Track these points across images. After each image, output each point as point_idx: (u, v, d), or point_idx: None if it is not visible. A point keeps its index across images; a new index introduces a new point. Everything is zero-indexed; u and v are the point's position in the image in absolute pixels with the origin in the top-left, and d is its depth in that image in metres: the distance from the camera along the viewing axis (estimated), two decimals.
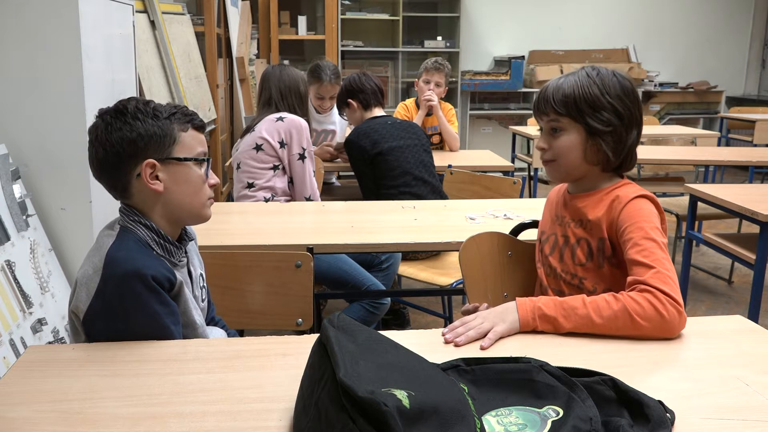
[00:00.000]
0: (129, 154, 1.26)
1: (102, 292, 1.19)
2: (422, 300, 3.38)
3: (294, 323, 1.75)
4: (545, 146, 1.46)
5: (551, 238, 1.55)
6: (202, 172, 1.33)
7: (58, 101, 2.37)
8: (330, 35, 6.04)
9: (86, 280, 1.22)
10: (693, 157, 4.13)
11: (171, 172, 1.29)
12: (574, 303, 1.26)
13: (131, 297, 1.19)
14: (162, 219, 1.32)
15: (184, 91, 3.73)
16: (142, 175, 1.27)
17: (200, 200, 1.34)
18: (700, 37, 7.42)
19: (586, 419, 0.91)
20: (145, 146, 1.27)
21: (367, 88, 3.06)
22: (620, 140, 1.42)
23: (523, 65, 6.81)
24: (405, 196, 2.77)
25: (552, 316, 1.26)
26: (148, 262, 1.24)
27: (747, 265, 2.65)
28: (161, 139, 1.28)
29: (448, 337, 1.23)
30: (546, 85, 1.47)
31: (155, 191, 1.28)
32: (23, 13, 2.32)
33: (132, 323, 1.21)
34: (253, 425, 0.95)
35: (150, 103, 1.30)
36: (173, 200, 1.31)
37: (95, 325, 1.21)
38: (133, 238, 1.28)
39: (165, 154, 1.28)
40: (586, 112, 1.41)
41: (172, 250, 1.33)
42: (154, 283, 1.21)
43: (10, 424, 0.95)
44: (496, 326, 1.24)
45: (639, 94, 1.47)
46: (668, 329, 1.23)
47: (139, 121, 1.26)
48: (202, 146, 1.34)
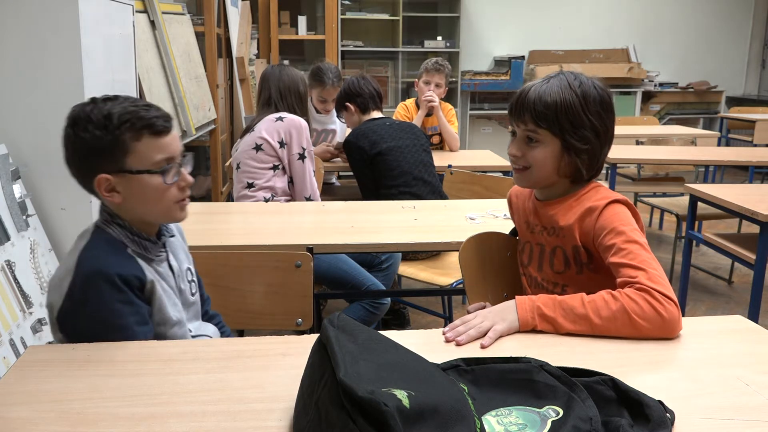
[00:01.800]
0: (83, 167, 1.26)
1: (71, 292, 1.21)
2: (422, 300, 3.38)
3: (294, 323, 1.75)
4: (518, 154, 1.44)
5: (527, 246, 1.54)
6: (161, 180, 1.27)
7: (58, 101, 2.37)
8: (330, 35, 6.04)
9: (59, 281, 1.24)
10: (693, 157, 4.12)
11: (126, 183, 1.26)
12: (573, 302, 1.26)
13: (95, 296, 1.21)
14: (134, 221, 1.31)
15: (184, 91, 3.73)
16: (97, 188, 1.26)
17: (163, 207, 1.30)
18: (700, 37, 7.42)
19: (586, 419, 0.91)
20: (95, 160, 1.24)
21: (365, 92, 3.06)
22: (594, 156, 1.42)
23: (523, 65, 6.81)
24: (404, 196, 2.77)
25: (551, 315, 1.26)
26: (115, 261, 1.24)
27: (747, 265, 2.65)
28: (111, 151, 1.23)
29: (449, 336, 1.23)
30: (525, 90, 1.43)
31: (115, 203, 1.27)
32: (23, 13, 2.32)
33: (96, 321, 1.22)
34: (253, 425, 0.95)
35: (104, 108, 1.24)
36: (134, 210, 1.29)
37: (65, 324, 1.23)
38: (105, 238, 1.28)
39: (117, 167, 1.25)
40: (566, 129, 1.39)
41: (148, 246, 1.32)
42: (120, 282, 1.21)
43: (10, 424, 0.95)
44: (496, 325, 1.25)
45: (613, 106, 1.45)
46: (667, 329, 1.23)
47: (89, 133, 1.23)
48: (162, 152, 1.27)
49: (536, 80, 1.44)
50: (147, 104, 1.30)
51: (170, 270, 1.39)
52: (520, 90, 1.44)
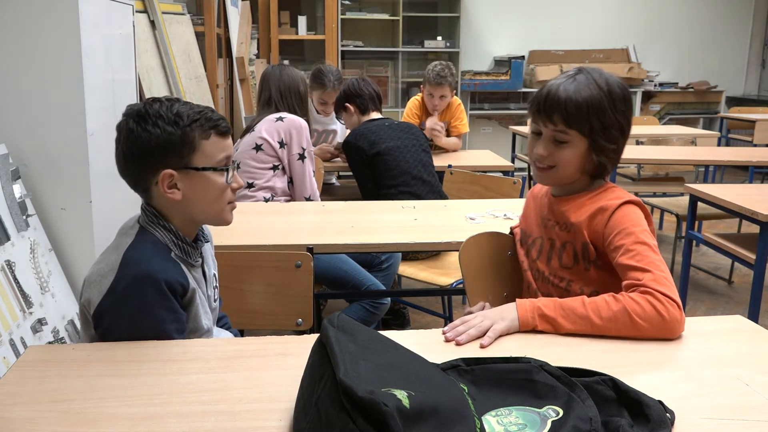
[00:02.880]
0: (147, 162, 1.26)
1: (113, 290, 1.20)
2: (422, 300, 3.38)
3: (294, 323, 1.75)
4: (545, 154, 1.41)
5: (538, 241, 1.54)
6: (222, 179, 1.31)
7: (58, 101, 2.37)
8: (330, 35, 6.04)
9: (99, 278, 1.23)
10: (693, 157, 4.12)
11: (190, 180, 1.27)
12: (574, 304, 1.26)
13: (139, 299, 1.20)
14: (181, 222, 1.32)
15: (184, 91, 3.73)
16: (160, 184, 1.26)
17: (219, 207, 1.33)
18: (700, 37, 7.42)
19: (586, 419, 0.91)
20: (162, 155, 1.25)
21: (364, 93, 3.06)
22: (618, 154, 1.43)
23: (523, 65, 6.81)
24: (404, 196, 2.77)
25: (551, 316, 1.26)
26: (163, 266, 1.24)
27: (747, 265, 2.65)
28: (180, 148, 1.25)
29: (448, 336, 1.23)
30: (552, 89, 1.39)
31: (172, 200, 1.27)
32: (23, 14, 2.32)
33: (135, 324, 1.21)
34: (253, 425, 0.95)
35: (174, 107, 1.27)
36: (191, 208, 1.30)
37: (102, 321, 1.22)
38: (151, 240, 1.28)
39: (183, 163, 1.26)
40: (596, 129, 1.38)
41: (190, 252, 1.33)
42: (165, 288, 1.21)
43: (10, 424, 0.95)
44: (496, 324, 1.25)
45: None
46: (669, 330, 1.23)
47: (159, 129, 1.24)
48: (224, 152, 1.31)
49: (560, 78, 1.41)
50: (207, 107, 1.33)
51: (203, 276, 1.40)
52: (546, 89, 1.40)
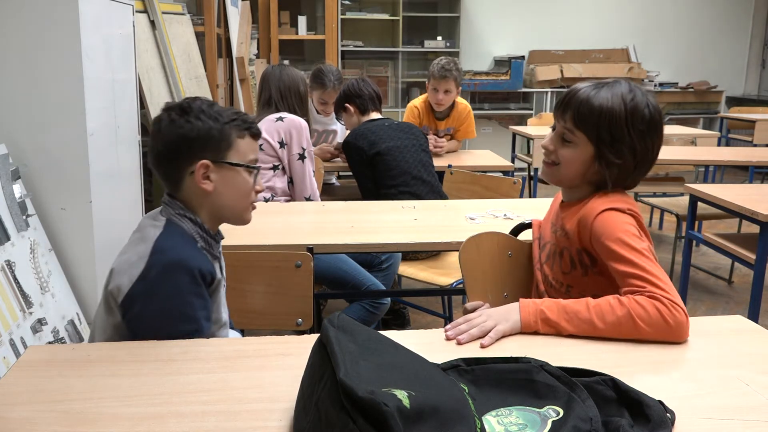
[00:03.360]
0: (186, 152, 1.32)
1: (145, 277, 1.24)
2: (422, 300, 3.37)
3: (294, 323, 1.74)
4: (551, 147, 1.43)
5: (548, 246, 1.54)
6: (250, 178, 1.38)
7: (58, 101, 2.37)
8: (330, 35, 6.04)
9: (128, 266, 1.26)
10: (693, 157, 4.12)
11: (222, 174, 1.34)
12: (578, 307, 1.25)
13: (172, 285, 1.25)
14: (206, 215, 1.37)
15: (184, 91, 3.73)
16: (195, 173, 1.32)
17: (245, 204, 1.40)
18: (700, 37, 7.42)
19: (586, 419, 0.91)
20: (202, 146, 1.32)
21: (364, 93, 3.06)
22: (624, 174, 1.39)
23: (523, 65, 6.81)
24: (404, 196, 2.77)
25: (554, 320, 1.25)
26: (194, 255, 1.31)
27: (747, 265, 2.65)
28: (218, 142, 1.33)
29: (449, 334, 1.23)
30: (577, 88, 1.40)
31: (205, 190, 1.33)
32: (23, 13, 2.32)
33: (166, 309, 1.25)
34: (253, 425, 0.95)
35: (214, 106, 1.35)
36: (220, 201, 1.36)
37: (133, 308, 1.25)
38: (179, 231, 1.33)
39: (220, 157, 1.34)
40: (604, 139, 1.36)
41: (213, 244, 1.40)
42: (197, 275, 1.27)
43: (10, 424, 0.94)
44: (499, 325, 1.24)
45: (663, 130, 1.40)
46: (674, 335, 1.21)
47: (201, 122, 1.32)
48: (254, 154, 1.39)
49: (593, 82, 1.41)
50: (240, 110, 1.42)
51: (221, 271, 1.45)
52: (573, 86, 1.41)
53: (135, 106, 3.00)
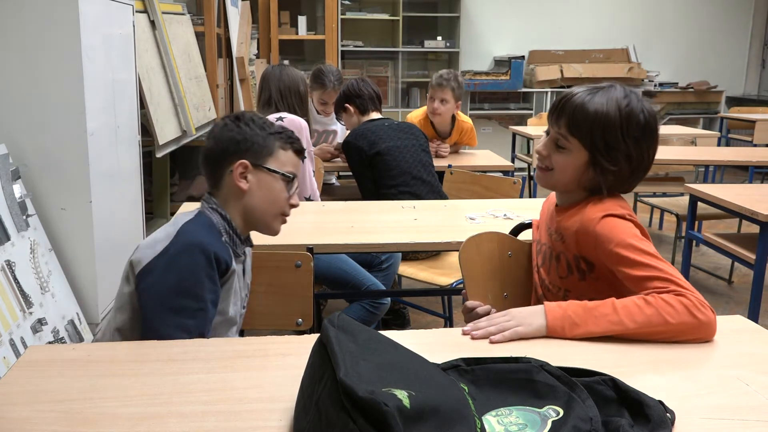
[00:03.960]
0: (230, 151, 1.47)
1: (166, 252, 1.36)
2: (422, 300, 3.37)
3: (294, 323, 1.74)
4: (544, 153, 1.41)
5: (543, 248, 1.54)
6: (285, 187, 1.50)
7: (58, 101, 2.37)
8: (330, 35, 6.04)
9: (154, 242, 1.39)
10: (693, 157, 4.12)
11: (259, 177, 1.48)
12: (605, 309, 1.22)
13: (188, 262, 1.35)
14: (237, 215, 1.49)
15: (184, 91, 3.72)
16: (234, 171, 1.46)
17: (275, 210, 1.51)
18: (700, 37, 7.42)
19: (586, 419, 0.91)
20: (245, 149, 1.47)
21: (364, 93, 3.06)
22: (620, 180, 1.38)
23: (523, 65, 6.81)
24: (404, 196, 2.77)
25: (582, 324, 1.22)
26: (214, 242, 1.41)
27: (747, 265, 2.65)
28: (261, 148, 1.48)
29: (466, 329, 1.23)
30: (571, 93, 1.38)
31: (240, 188, 1.46)
32: (23, 13, 2.32)
33: (179, 283, 1.34)
34: (253, 425, 0.95)
35: (266, 121, 1.52)
36: (252, 202, 1.48)
37: (147, 278, 1.36)
38: (207, 221, 1.46)
39: (259, 161, 1.47)
40: (597, 145, 1.35)
41: (237, 242, 1.49)
42: (213, 258, 1.36)
43: (10, 424, 0.94)
44: (520, 327, 1.22)
45: (658, 135, 1.39)
46: (704, 332, 1.21)
47: (249, 128, 1.48)
48: (293, 168, 1.52)
49: (589, 86, 1.39)
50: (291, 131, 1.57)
51: (242, 274, 1.55)
52: (568, 91, 1.39)
53: (135, 106, 3.00)
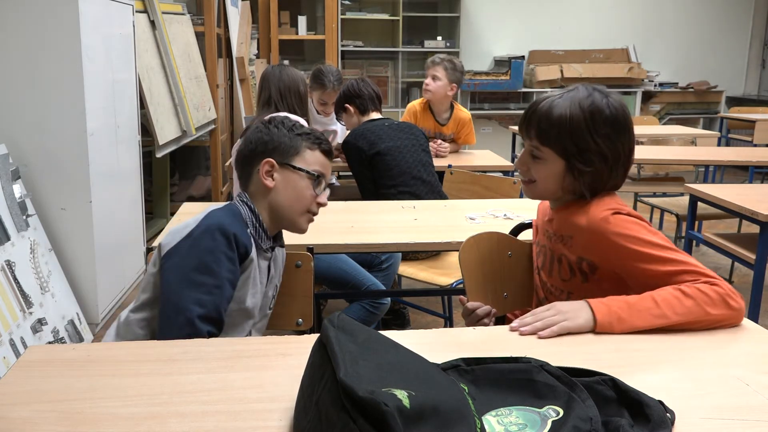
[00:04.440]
0: (259, 151, 1.54)
1: (191, 235, 1.43)
2: (422, 300, 3.37)
3: (294, 323, 1.74)
4: (523, 168, 1.43)
5: (542, 250, 1.54)
6: (311, 185, 1.55)
7: (58, 101, 2.37)
8: (330, 35, 6.04)
9: (184, 227, 1.45)
10: (693, 157, 4.12)
11: (285, 175, 1.54)
12: (647, 303, 1.24)
13: (210, 241, 1.41)
14: (264, 211, 1.55)
15: (184, 91, 3.72)
16: (260, 169, 1.52)
17: (300, 207, 1.55)
18: (700, 37, 7.42)
19: (586, 419, 0.91)
20: (272, 149, 1.53)
21: (364, 93, 3.06)
22: (599, 179, 1.37)
23: (523, 65, 6.81)
24: (403, 196, 2.77)
25: (628, 319, 1.24)
26: (237, 228, 1.45)
27: (747, 265, 2.65)
28: (287, 147, 1.54)
29: (513, 325, 1.25)
30: (536, 102, 1.39)
31: (266, 186, 1.52)
32: (23, 13, 2.32)
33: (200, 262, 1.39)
34: (253, 425, 0.95)
35: (296, 124, 1.58)
36: (278, 199, 1.54)
37: (172, 258, 1.42)
38: (235, 211, 1.52)
39: (285, 160, 1.54)
40: (570, 151, 1.35)
41: (263, 236, 1.54)
42: (233, 240, 1.42)
43: (10, 424, 0.94)
44: (567, 321, 1.23)
45: (631, 125, 1.38)
46: (737, 318, 1.27)
47: (278, 129, 1.55)
48: (321, 167, 1.56)
49: (553, 93, 1.39)
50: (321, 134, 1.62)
51: (267, 272, 1.58)
52: (534, 102, 1.40)
53: (135, 106, 3.00)
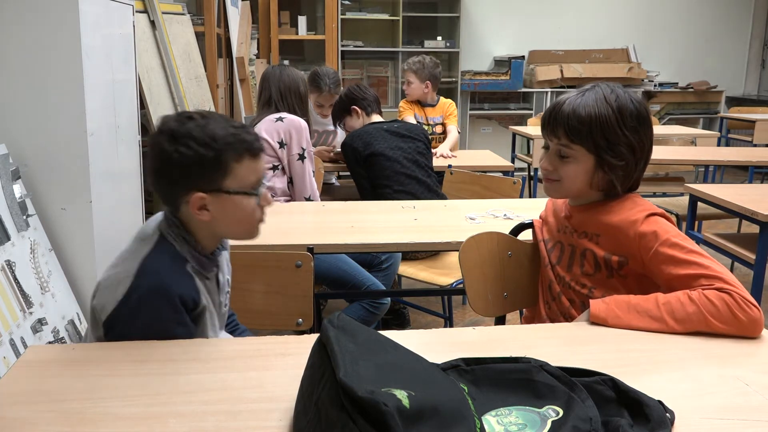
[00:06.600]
0: (178, 182, 1.25)
1: (128, 300, 1.21)
2: (422, 300, 3.38)
3: (294, 323, 1.74)
4: (550, 168, 1.43)
5: (557, 246, 1.53)
6: (253, 201, 1.28)
7: (58, 101, 2.37)
8: (330, 35, 6.04)
9: (116, 283, 1.23)
10: (693, 157, 4.12)
11: (220, 203, 1.26)
12: (648, 305, 1.26)
13: (152, 311, 1.21)
14: (204, 239, 1.31)
15: (184, 91, 3.73)
16: (190, 205, 1.25)
17: (248, 227, 1.32)
18: (700, 37, 7.42)
19: (586, 419, 0.91)
20: (194, 177, 1.23)
21: (368, 95, 3.10)
22: (629, 172, 1.40)
23: (523, 65, 6.81)
24: (400, 195, 2.78)
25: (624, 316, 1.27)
26: (178, 280, 1.25)
27: (747, 265, 2.65)
28: (212, 171, 1.23)
29: None
30: (560, 102, 1.40)
31: (201, 219, 1.27)
32: (23, 13, 2.32)
33: (146, 335, 1.21)
34: (253, 425, 0.95)
35: (208, 126, 1.23)
36: (220, 228, 1.30)
37: (114, 329, 1.23)
38: (169, 251, 1.27)
39: (215, 186, 1.24)
40: (601, 146, 1.36)
41: (206, 264, 1.33)
42: (179, 303, 1.22)
43: (10, 424, 0.95)
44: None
45: (651, 119, 1.42)
46: (747, 330, 1.22)
47: (191, 150, 1.21)
48: (256, 174, 1.28)
49: (571, 93, 1.41)
50: (242, 125, 1.30)
51: (217, 285, 1.39)
52: (554, 102, 1.41)
53: (135, 106, 3.00)
